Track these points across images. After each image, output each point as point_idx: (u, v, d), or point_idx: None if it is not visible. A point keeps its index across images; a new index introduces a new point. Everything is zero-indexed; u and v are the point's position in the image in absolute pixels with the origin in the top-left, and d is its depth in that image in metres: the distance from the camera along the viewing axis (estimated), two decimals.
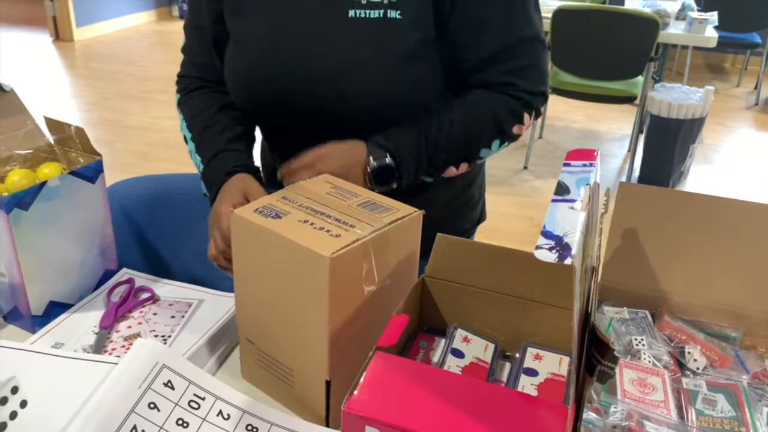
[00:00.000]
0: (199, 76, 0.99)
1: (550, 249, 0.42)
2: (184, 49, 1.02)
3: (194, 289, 0.90)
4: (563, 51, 3.15)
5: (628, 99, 3.19)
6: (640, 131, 3.30)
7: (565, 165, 0.54)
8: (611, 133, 3.87)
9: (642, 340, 0.74)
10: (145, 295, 0.88)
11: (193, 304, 0.87)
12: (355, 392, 0.52)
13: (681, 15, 3.34)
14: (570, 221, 0.45)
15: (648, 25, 2.94)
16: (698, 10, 3.44)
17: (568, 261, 0.40)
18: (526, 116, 0.92)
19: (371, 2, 0.85)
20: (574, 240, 0.43)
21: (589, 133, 3.88)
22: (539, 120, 3.69)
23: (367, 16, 0.86)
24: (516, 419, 0.50)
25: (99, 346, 0.79)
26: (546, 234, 0.43)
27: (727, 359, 0.73)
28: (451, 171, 0.91)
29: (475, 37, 0.87)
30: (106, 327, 0.82)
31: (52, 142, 0.91)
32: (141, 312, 0.86)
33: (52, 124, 0.91)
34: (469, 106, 0.89)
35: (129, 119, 3.76)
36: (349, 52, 0.86)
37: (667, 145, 3.09)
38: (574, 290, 0.43)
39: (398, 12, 0.85)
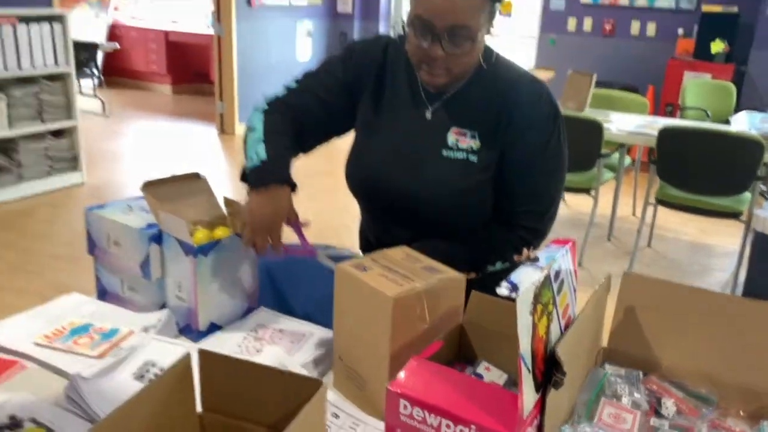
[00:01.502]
0: (288, 111, 1.33)
1: (507, 290, 0.71)
2: (292, 86, 1.37)
3: (307, 324, 1.24)
4: (668, 166, 3.32)
5: (734, 215, 3.28)
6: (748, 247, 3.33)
7: (546, 247, 0.83)
8: (721, 247, 3.89)
9: (627, 389, 0.97)
10: (273, 326, 1.24)
11: (306, 335, 1.21)
12: (396, 379, 0.81)
13: None
14: (529, 276, 0.74)
15: (753, 147, 3.07)
16: None
17: (512, 295, 0.69)
18: (524, 250, 1.27)
19: (459, 148, 1.25)
20: (525, 287, 0.72)
21: (699, 246, 3.93)
22: (647, 229, 3.81)
23: (454, 157, 1.25)
24: (496, 401, 0.77)
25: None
26: (508, 281, 0.72)
27: (696, 411, 0.94)
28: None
29: (517, 187, 1.29)
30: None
31: (225, 213, 1.31)
32: (271, 336, 1.20)
33: (226, 201, 1.31)
34: (489, 236, 1.29)
35: None
36: (436, 177, 1.27)
37: None
38: (519, 320, 0.71)
39: (476, 158, 1.26)
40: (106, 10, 7.73)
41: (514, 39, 6.58)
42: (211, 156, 5.60)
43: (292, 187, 1.23)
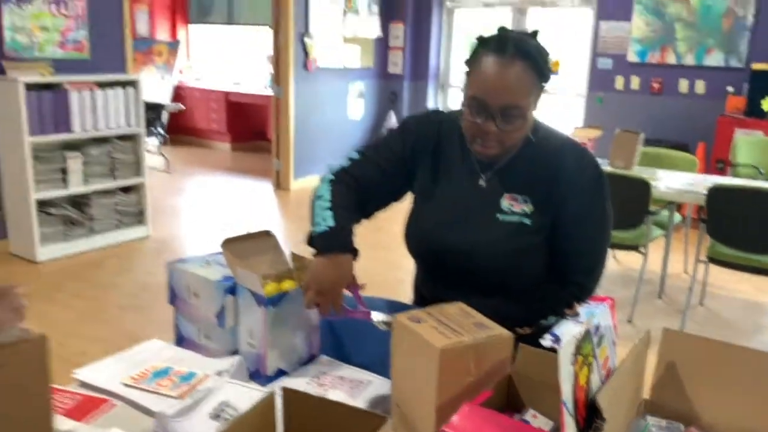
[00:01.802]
0: (352, 180, 1.46)
1: (551, 341, 0.80)
2: (355, 157, 1.50)
3: (366, 373, 1.34)
4: (719, 224, 3.33)
5: None
6: None
7: (586, 304, 0.92)
8: None
9: None
10: (334, 373, 1.34)
11: (364, 382, 1.30)
12: (450, 423, 0.90)
13: None
14: (571, 330, 0.83)
15: None
16: None
17: (555, 346, 0.78)
18: (574, 304, 1.37)
19: (513, 212, 1.37)
20: (567, 340, 0.81)
21: (753, 304, 3.86)
22: (699, 286, 3.78)
23: (509, 220, 1.37)
24: None
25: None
26: (552, 333, 0.81)
27: None
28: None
29: (567, 246, 1.39)
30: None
31: (292, 267, 1.44)
32: (332, 382, 1.31)
33: (294, 256, 1.44)
34: (543, 294, 1.39)
35: None
36: (492, 239, 1.38)
37: None
38: (561, 369, 0.80)
39: (529, 221, 1.37)
40: (171, 73, 8.23)
41: (562, 97, 6.69)
42: (267, 210, 5.84)
43: (354, 254, 1.35)
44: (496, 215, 1.38)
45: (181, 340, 1.47)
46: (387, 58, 7.36)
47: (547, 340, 0.79)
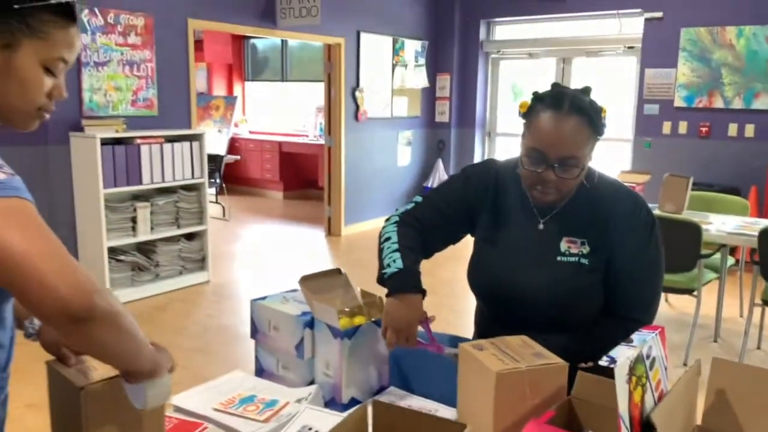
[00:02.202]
0: (416, 222, 1.60)
1: (607, 362, 0.91)
2: (418, 201, 1.64)
3: (432, 402, 1.44)
4: None
5: None
6: None
7: (638, 332, 1.02)
8: None
9: None
10: (403, 402, 1.45)
11: (431, 410, 1.41)
12: None
13: None
14: (625, 353, 0.94)
15: None
16: None
17: (611, 365, 0.89)
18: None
19: (571, 254, 1.48)
20: (622, 361, 0.91)
21: None
22: (756, 330, 3.75)
23: (568, 261, 1.48)
24: None
25: None
26: (608, 356, 0.92)
27: None
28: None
29: (623, 285, 1.49)
30: None
31: (362, 303, 1.57)
32: None
33: (363, 293, 1.58)
34: (602, 332, 1.46)
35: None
36: (552, 279, 1.49)
37: None
38: (617, 386, 0.90)
39: (587, 261, 1.48)
40: (227, 126, 8.64)
41: (610, 143, 6.76)
42: (320, 256, 6.02)
43: (423, 294, 1.48)
44: (556, 257, 1.50)
45: (260, 372, 1.61)
46: (434, 108, 7.59)
47: (603, 361, 0.90)
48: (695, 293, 3.58)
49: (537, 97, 1.47)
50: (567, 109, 1.40)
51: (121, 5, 4.53)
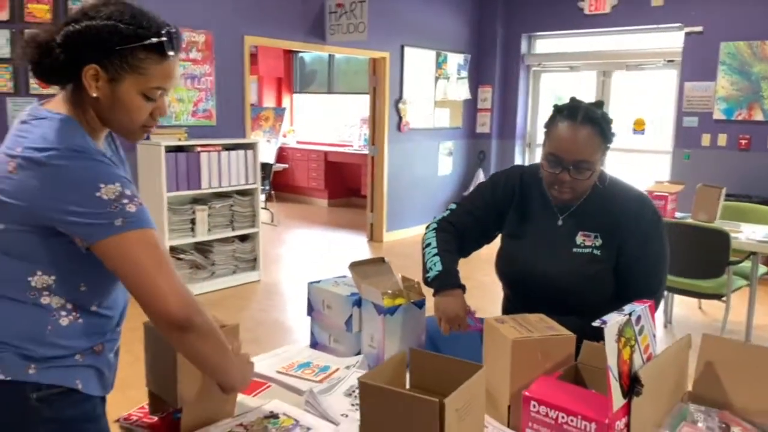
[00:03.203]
0: (451, 227, 1.86)
1: (599, 323, 1.13)
2: (453, 208, 1.90)
3: None
4: None
5: None
6: None
7: (629, 304, 1.24)
8: None
9: (703, 417, 1.30)
10: None
11: None
12: (529, 388, 1.23)
13: None
14: (615, 318, 1.15)
15: None
16: None
17: (601, 325, 1.11)
18: None
19: (585, 246, 1.71)
20: (612, 323, 1.13)
21: None
22: None
23: (582, 252, 1.69)
24: (596, 402, 1.16)
25: None
26: (601, 320, 1.14)
27: None
28: None
29: (632, 273, 1.70)
30: None
31: (402, 287, 1.81)
32: None
33: (403, 278, 1.82)
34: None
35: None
36: (569, 268, 1.72)
37: None
38: (606, 344, 1.11)
39: (599, 252, 1.70)
40: (276, 136, 9.02)
41: (648, 155, 6.86)
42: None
43: (463, 288, 1.76)
44: (572, 249, 1.72)
45: (314, 345, 1.87)
46: (475, 119, 7.81)
47: (597, 322, 1.12)
48: (724, 299, 3.71)
49: (557, 109, 1.70)
50: (581, 120, 1.63)
51: (184, 23, 4.91)
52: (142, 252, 1.15)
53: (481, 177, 7.65)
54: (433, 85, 7.23)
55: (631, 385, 1.18)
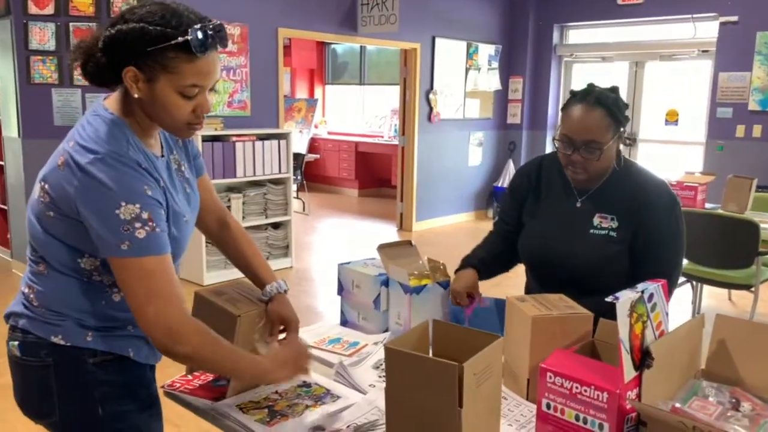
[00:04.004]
0: (495, 235, 2.00)
1: (612, 299, 1.19)
2: (496, 221, 2.02)
3: None
4: None
5: None
6: None
7: (642, 282, 1.30)
8: None
9: (714, 392, 1.36)
10: None
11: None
12: (546, 360, 1.31)
13: None
14: (627, 294, 1.22)
15: None
16: None
17: (614, 301, 1.18)
18: None
19: (602, 227, 1.77)
20: (625, 298, 1.20)
21: None
22: None
23: (599, 233, 1.76)
24: (609, 373, 1.24)
25: None
26: (614, 296, 1.21)
27: (766, 409, 1.31)
28: None
29: (648, 255, 1.76)
30: None
31: (428, 269, 1.90)
32: None
33: (429, 260, 1.90)
34: None
35: None
36: (586, 248, 1.79)
37: None
38: (618, 319, 1.18)
39: (615, 233, 1.76)
40: (308, 126, 9.16)
41: (682, 146, 6.80)
42: None
43: (478, 270, 1.90)
44: (589, 230, 1.78)
45: (344, 323, 1.97)
46: (506, 110, 7.82)
47: (610, 298, 1.18)
48: (752, 289, 3.71)
49: (572, 93, 1.77)
50: (592, 102, 1.69)
51: (220, 16, 5.03)
52: (135, 281, 1.21)
53: (511, 168, 7.67)
54: (463, 76, 7.26)
55: (643, 358, 1.24)
